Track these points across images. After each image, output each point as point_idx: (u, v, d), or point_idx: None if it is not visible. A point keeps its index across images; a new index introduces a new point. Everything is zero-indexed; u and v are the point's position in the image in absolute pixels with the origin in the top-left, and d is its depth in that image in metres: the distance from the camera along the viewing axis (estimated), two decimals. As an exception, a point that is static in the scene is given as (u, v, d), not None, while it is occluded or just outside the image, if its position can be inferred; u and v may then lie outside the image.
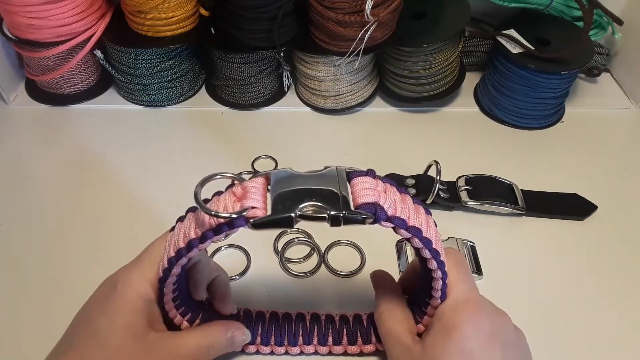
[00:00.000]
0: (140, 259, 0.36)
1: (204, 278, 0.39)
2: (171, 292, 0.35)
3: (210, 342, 0.37)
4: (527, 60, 0.60)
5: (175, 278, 0.34)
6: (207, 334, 0.38)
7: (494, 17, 0.69)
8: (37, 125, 0.64)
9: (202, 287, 0.39)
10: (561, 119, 0.65)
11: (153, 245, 0.36)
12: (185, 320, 0.38)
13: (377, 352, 0.41)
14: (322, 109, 0.66)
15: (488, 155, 0.60)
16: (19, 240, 0.51)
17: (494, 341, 0.33)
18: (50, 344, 0.35)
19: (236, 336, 0.39)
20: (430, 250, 0.32)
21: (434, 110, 0.67)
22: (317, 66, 0.62)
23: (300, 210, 0.29)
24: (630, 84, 0.69)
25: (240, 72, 0.63)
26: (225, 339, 0.38)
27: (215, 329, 0.38)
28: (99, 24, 0.62)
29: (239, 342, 0.39)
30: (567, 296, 0.47)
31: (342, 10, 0.55)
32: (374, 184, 0.31)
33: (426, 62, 0.62)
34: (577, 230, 0.52)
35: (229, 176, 0.32)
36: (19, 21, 0.59)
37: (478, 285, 0.36)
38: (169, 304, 0.36)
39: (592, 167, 0.59)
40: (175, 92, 0.66)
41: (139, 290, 0.35)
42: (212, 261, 0.41)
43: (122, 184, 0.57)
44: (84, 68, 0.66)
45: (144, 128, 0.64)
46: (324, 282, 0.48)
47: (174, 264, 0.33)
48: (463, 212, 0.53)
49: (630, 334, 0.44)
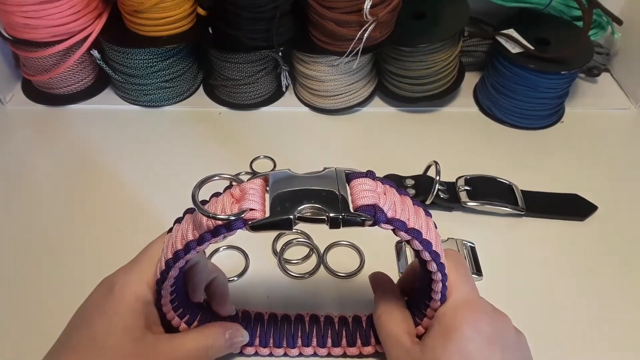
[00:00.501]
0: (137, 261, 0.35)
1: (202, 280, 0.38)
2: (169, 293, 0.35)
3: (209, 343, 0.37)
4: (526, 60, 0.59)
5: (173, 280, 0.34)
6: (206, 335, 0.37)
7: (493, 17, 0.68)
8: (33, 126, 0.64)
9: (200, 288, 0.39)
10: (561, 119, 0.65)
11: (150, 246, 0.36)
12: (183, 322, 0.37)
13: (376, 353, 0.41)
14: (320, 109, 0.65)
15: (487, 156, 0.60)
16: (16, 241, 0.51)
17: (494, 343, 0.33)
18: (47, 343, 0.34)
19: (234, 337, 0.39)
20: (430, 252, 0.32)
21: (433, 111, 0.66)
22: (315, 66, 0.62)
23: (299, 212, 0.29)
24: (630, 84, 0.68)
25: (238, 72, 0.63)
26: (224, 340, 0.38)
27: (214, 330, 0.38)
28: (96, 24, 0.62)
29: (237, 343, 0.39)
30: (568, 297, 0.46)
31: (340, 9, 0.55)
32: (374, 186, 0.30)
33: (425, 62, 0.61)
34: (577, 231, 0.52)
35: (227, 177, 0.32)
36: (15, 21, 0.58)
37: (478, 286, 0.36)
38: (166, 306, 0.36)
39: (592, 167, 0.59)
40: (173, 92, 0.66)
41: (137, 292, 0.34)
42: (210, 262, 0.41)
43: (119, 184, 0.56)
44: (81, 68, 0.66)
45: (141, 128, 0.64)
46: (323, 283, 0.48)
47: (171, 266, 0.32)
48: (463, 212, 0.53)
49: (630, 334, 0.44)
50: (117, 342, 0.33)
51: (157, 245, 0.35)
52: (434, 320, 0.35)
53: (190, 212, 0.33)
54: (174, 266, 0.32)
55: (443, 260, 0.33)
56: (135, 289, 0.34)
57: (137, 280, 0.34)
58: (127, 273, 0.35)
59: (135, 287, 0.34)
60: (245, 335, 0.40)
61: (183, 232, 0.32)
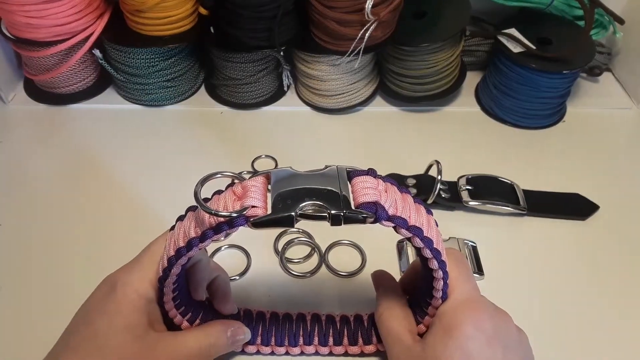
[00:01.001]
0: (140, 259, 0.36)
1: (204, 278, 0.38)
2: (171, 291, 0.35)
3: (212, 341, 0.37)
4: (528, 59, 0.59)
5: (175, 277, 0.34)
6: (208, 333, 0.37)
7: (494, 17, 0.68)
8: (35, 125, 0.64)
9: (202, 287, 0.39)
10: (562, 119, 0.65)
11: (153, 244, 0.36)
12: (185, 320, 0.37)
13: (378, 352, 0.41)
14: (322, 108, 0.65)
15: (489, 155, 0.60)
16: (17, 240, 0.51)
17: (495, 342, 0.33)
18: (48, 344, 0.34)
19: (237, 335, 0.39)
20: (431, 250, 0.32)
21: (434, 110, 0.66)
22: (317, 65, 0.62)
23: (301, 210, 0.29)
24: (631, 83, 0.68)
25: (239, 72, 0.63)
26: (226, 339, 0.38)
27: (216, 328, 0.38)
28: (98, 23, 0.62)
29: (239, 341, 0.39)
30: (569, 296, 0.46)
31: (342, 9, 0.55)
32: (375, 183, 0.30)
33: (427, 61, 0.61)
34: (578, 230, 0.52)
35: (229, 175, 0.32)
36: (17, 20, 0.58)
37: (479, 285, 0.36)
38: (169, 304, 0.36)
39: (594, 166, 0.59)
40: (175, 92, 0.66)
41: (139, 290, 0.34)
42: (212, 261, 0.41)
43: (121, 183, 0.56)
44: (83, 67, 0.66)
45: (143, 127, 0.64)
46: (324, 282, 0.48)
47: (174, 263, 0.32)
48: (464, 212, 0.53)
49: (631, 333, 0.44)
50: (119, 341, 0.33)
51: (160, 243, 0.35)
52: (435, 318, 0.35)
53: (192, 210, 0.33)
54: (176, 263, 0.32)
55: (444, 258, 0.33)
56: (138, 287, 0.34)
57: (139, 278, 0.34)
58: (129, 271, 0.35)
59: (137, 285, 0.34)
60: (247, 334, 0.40)
61: (185, 230, 0.32)
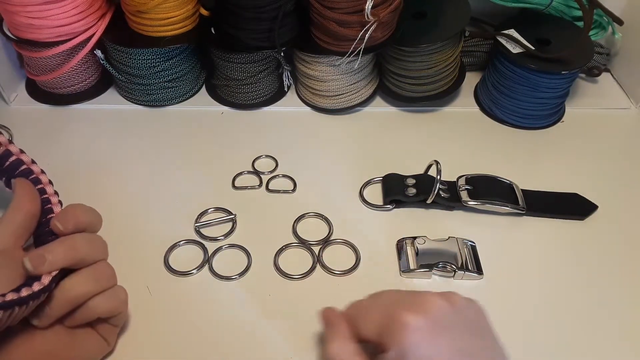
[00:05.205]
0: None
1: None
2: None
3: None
4: (527, 60, 0.60)
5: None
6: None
7: (494, 17, 0.69)
8: (37, 125, 0.64)
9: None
10: (561, 119, 0.65)
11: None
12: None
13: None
14: (322, 108, 0.66)
15: (488, 155, 0.60)
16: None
17: (437, 333, 0.31)
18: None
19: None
20: None
21: (434, 110, 0.67)
22: (317, 66, 0.62)
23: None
24: (630, 84, 0.69)
25: (240, 72, 0.63)
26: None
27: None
28: (99, 24, 0.62)
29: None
30: (568, 296, 0.47)
31: (342, 10, 0.55)
32: None
33: (426, 62, 0.62)
34: (577, 230, 0.52)
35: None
36: (19, 21, 0.59)
37: (479, 285, 0.36)
38: None
39: (593, 166, 0.59)
40: (176, 92, 0.66)
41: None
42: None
43: (122, 183, 0.57)
44: (84, 68, 0.66)
45: (144, 128, 0.64)
46: (322, 282, 0.48)
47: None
48: (463, 211, 0.53)
49: (631, 333, 0.44)
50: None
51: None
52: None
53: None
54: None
55: None
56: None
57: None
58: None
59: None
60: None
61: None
